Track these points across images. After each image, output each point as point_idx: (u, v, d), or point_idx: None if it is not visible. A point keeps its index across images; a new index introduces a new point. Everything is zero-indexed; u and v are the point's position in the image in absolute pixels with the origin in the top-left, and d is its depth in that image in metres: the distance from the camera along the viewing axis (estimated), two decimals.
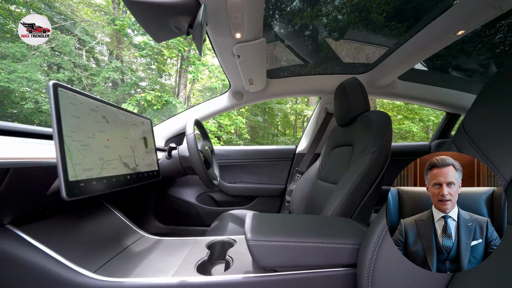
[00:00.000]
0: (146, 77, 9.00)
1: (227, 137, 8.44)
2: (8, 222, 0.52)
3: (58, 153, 0.45)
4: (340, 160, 1.08)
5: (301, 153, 1.66)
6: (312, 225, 0.63)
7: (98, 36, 7.84)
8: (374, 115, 0.96)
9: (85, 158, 0.52)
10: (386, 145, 0.86)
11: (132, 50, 8.09)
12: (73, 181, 0.47)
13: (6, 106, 6.02)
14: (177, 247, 0.71)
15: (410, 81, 1.51)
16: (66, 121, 0.49)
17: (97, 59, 8.16)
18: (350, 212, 0.81)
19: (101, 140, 0.59)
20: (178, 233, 1.56)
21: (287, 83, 1.49)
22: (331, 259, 0.54)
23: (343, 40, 1.26)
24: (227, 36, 0.85)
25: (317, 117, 1.62)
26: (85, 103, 0.56)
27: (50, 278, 0.49)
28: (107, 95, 7.60)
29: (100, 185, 0.56)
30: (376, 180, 0.83)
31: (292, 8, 1.07)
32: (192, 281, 0.52)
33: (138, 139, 0.80)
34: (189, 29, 0.71)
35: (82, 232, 0.65)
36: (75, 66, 6.83)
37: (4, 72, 5.25)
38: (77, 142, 0.51)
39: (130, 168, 0.70)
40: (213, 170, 1.23)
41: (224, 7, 0.70)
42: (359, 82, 1.08)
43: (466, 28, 0.90)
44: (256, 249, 0.52)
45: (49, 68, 6.71)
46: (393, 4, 0.98)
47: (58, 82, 0.48)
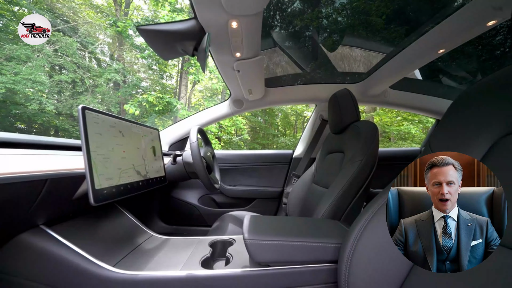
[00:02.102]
0: (147, 78, 9.10)
1: (228, 137, 8.52)
2: (42, 223, 0.61)
3: (86, 166, 0.54)
4: (332, 165, 1.16)
5: (297, 158, 1.75)
6: (301, 226, 0.72)
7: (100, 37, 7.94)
8: (363, 125, 1.05)
9: (107, 168, 0.61)
10: (373, 153, 0.94)
11: (134, 52, 8.17)
12: (98, 189, 0.56)
13: (10, 107, 6.12)
14: (183, 245, 0.80)
15: (401, 90, 1.59)
16: (92, 138, 0.58)
17: (99, 59, 8.25)
18: (339, 214, 0.90)
19: (119, 152, 0.68)
20: (181, 233, 1.65)
21: (285, 92, 1.58)
22: (316, 256, 0.62)
23: (341, 46, 1.30)
24: (228, 55, 0.94)
25: (313, 124, 1.71)
26: (106, 121, 0.65)
27: (77, 271, 0.58)
28: (109, 96, 7.69)
29: (118, 191, 0.65)
30: (363, 186, 0.92)
31: (293, 9, 1.08)
32: (197, 274, 0.61)
33: (148, 148, 0.89)
34: (194, 51, 0.80)
35: (100, 232, 0.74)
36: (78, 68, 6.93)
37: (9, 74, 5.34)
38: (100, 156, 0.60)
39: (141, 175, 0.79)
40: (215, 174, 1.32)
41: (225, 32, 0.78)
42: (350, 93, 1.16)
43: (446, 47, 0.99)
44: (252, 247, 0.60)
45: (52, 70, 6.80)
46: (392, 7, 1.01)
47: (85, 106, 0.57)
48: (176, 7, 7.33)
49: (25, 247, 0.57)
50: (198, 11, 0.70)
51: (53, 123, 6.84)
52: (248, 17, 0.70)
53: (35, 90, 5.95)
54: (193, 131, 1.06)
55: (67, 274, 0.58)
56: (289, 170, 1.77)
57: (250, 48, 0.91)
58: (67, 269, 0.57)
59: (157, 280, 0.60)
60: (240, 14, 0.68)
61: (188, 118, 1.64)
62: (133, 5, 9.06)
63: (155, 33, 0.73)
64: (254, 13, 0.67)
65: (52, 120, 6.74)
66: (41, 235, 0.59)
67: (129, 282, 0.59)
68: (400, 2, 0.98)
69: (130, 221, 0.89)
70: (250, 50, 0.92)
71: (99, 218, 0.78)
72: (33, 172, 0.50)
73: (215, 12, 0.68)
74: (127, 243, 0.76)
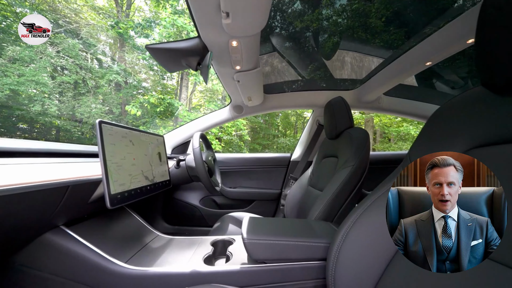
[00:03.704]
0: (148, 78, 9.17)
1: (228, 138, 8.59)
2: (62, 224, 0.68)
3: (103, 174, 0.61)
4: (327, 169, 1.23)
5: (295, 161, 1.82)
6: (295, 227, 0.79)
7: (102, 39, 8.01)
8: (355, 132, 1.12)
9: (120, 175, 0.68)
10: (364, 158, 1.01)
11: (135, 53, 8.25)
12: (114, 194, 0.64)
13: (13, 107, 6.20)
14: (186, 244, 0.87)
15: (394, 97, 1.66)
16: (107, 149, 0.65)
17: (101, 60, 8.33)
18: (332, 216, 0.97)
19: (130, 160, 0.75)
20: (183, 233, 1.72)
21: (283, 98, 1.65)
22: (307, 254, 0.69)
23: (338, 52, 1.33)
24: (228, 67, 1.01)
25: (310, 128, 1.78)
26: (119, 132, 0.72)
27: (94, 266, 0.65)
28: (110, 97, 7.77)
29: (130, 195, 0.72)
30: (355, 189, 0.99)
31: (294, 9, 1.08)
32: (201, 270, 0.68)
33: (154, 154, 0.96)
34: (198, 66, 0.87)
35: (112, 231, 0.81)
36: (80, 69, 7.01)
37: (14, 75, 5.43)
38: (114, 164, 0.67)
39: (149, 180, 0.86)
40: (215, 178, 1.39)
41: (226, 49, 0.85)
42: (344, 102, 1.23)
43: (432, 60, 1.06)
44: (250, 246, 0.67)
45: (54, 71, 6.88)
46: (392, 9, 1.02)
47: (102, 120, 0.64)
48: (178, 8, 7.41)
49: (48, 245, 0.64)
50: (201, 31, 0.77)
51: (55, 123, 6.93)
52: (247, 37, 0.77)
53: (38, 92, 6.03)
54: (196, 137, 1.13)
55: (85, 269, 0.65)
56: (287, 173, 1.84)
57: (249, 62, 0.98)
58: (85, 265, 0.65)
59: (165, 275, 0.67)
60: (240, 35, 0.75)
61: (190, 122, 1.71)
62: (134, 6, 9.14)
63: (163, 50, 0.80)
64: (252, 34, 0.74)
65: (54, 121, 6.83)
66: (61, 235, 0.66)
67: (140, 277, 0.66)
68: (399, 4, 1.00)
69: (137, 222, 0.96)
70: (249, 63, 0.99)
71: (110, 219, 0.85)
72: (57, 180, 0.57)
73: (216, 33, 0.75)
74: (136, 242, 0.83)
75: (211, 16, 0.68)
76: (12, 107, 6.14)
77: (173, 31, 7.26)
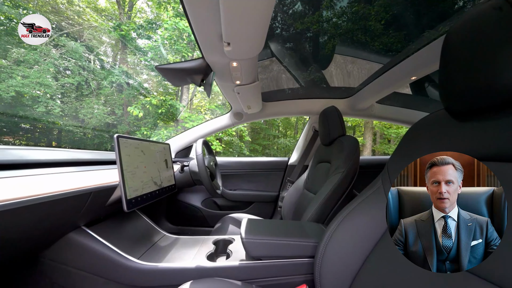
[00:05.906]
0: (150, 79, 9.28)
1: (228, 139, 8.69)
2: (83, 225, 0.78)
3: (121, 182, 0.71)
4: (321, 174, 1.32)
5: (292, 165, 1.91)
6: (288, 228, 0.88)
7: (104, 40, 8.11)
8: (346, 140, 1.21)
9: (134, 182, 0.78)
10: (354, 164, 1.10)
11: (137, 54, 8.34)
12: (129, 199, 0.73)
13: (17, 108, 6.31)
14: (191, 243, 0.96)
15: (386, 105, 1.76)
16: (124, 160, 0.74)
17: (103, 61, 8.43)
18: (323, 218, 1.06)
19: (141, 168, 0.85)
20: (185, 233, 1.82)
21: (281, 106, 1.74)
22: (298, 252, 0.78)
23: (334, 59, 1.36)
24: (229, 82, 1.11)
25: (306, 134, 1.88)
26: (132, 144, 0.82)
27: (111, 262, 0.75)
28: (113, 98, 7.87)
29: (142, 200, 0.81)
30: (345, 193, 1.08)
31: (294, 10, 1.08)
32: (204, 266, 0.77)
33: (161, 161, 1.06)
34: (202, 83, 0.97)
35: (124, 231, 0.90)
36: (82, 70, 7.11)
37: (19, 77, 5.53)
38: (129, 173, 0.76)
39: (157, 185, 0.96)
40: (217, 181, 1.48)
41: (227, 68, 0.95)
42: (337, 111, 1.32)
43: (417, 75, 1.16)
44: (248, 245, 0.77)
45: (58, 73, 6.99)
46: (392, 12, 1.02)
47: (119, 134, 0.74)
48: (179, 11, 7.50)
49: (72, 243, 0.74)
50: (205, 54, 0.86)
51: (58, 124, 7.04)
52: (246, 59, 0.86)
53: (42, 93, 6.14)
54: (199, 144, 1.23)
55: (103, 264, 0.75)
56: (285, 176, 1.93)
57: (248, 78, 1.07)
58: (103, 261, 0.74)
59: (173, 270, 0.76)
60: (239, 58, 0.84)
61: (192, 128, 1.80)
62: (135, 7, 9.24)
63: (171, 70, 0.89)
64: (250, 57, 0.83)
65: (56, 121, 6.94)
66: (83, 234, 0.76)
67: (152, 271, 0.75)
68: (398, 8, 1.01)
69: (146, 222, 1.06)
70: (248, 79, 1.08)
71: (123, 220, 0.95)
72: (83, 187, 0.67)
73: (218, 55, 0.84)
74: (146, 240, 0.93)
75: (214, 43, 0.77)
76: (17, 108, 6.24)
77: (174, 33, 7.35)
